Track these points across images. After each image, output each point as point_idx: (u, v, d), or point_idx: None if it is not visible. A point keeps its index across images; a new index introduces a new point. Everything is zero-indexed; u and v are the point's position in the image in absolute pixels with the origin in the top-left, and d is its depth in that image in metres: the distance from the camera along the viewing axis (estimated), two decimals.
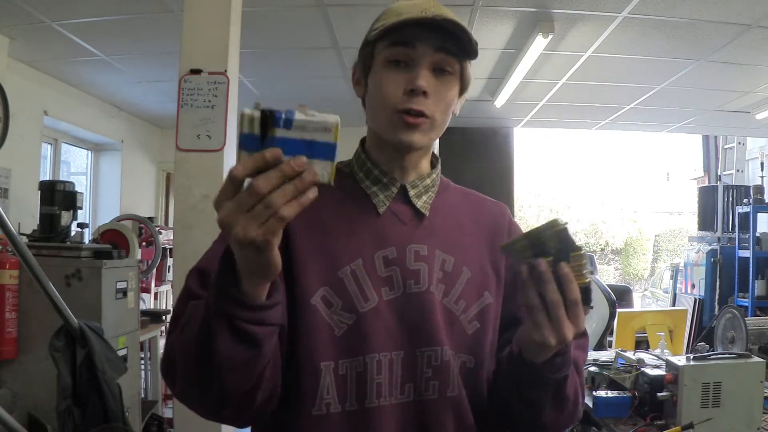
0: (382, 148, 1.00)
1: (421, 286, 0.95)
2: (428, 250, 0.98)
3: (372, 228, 0.97)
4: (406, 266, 0.96)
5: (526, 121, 5.96)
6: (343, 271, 0.93)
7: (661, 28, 3.31)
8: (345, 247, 0.94)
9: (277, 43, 3.71)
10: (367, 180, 1.00)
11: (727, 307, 2.55)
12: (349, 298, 0.92)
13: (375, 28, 0.94)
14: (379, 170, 1.00)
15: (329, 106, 3.44)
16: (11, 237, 1.43)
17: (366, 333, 0.91)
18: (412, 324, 0.93)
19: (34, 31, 3.39)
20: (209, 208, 2.90)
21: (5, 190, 3.56)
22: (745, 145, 8.04)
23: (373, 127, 1.00)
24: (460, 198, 1.08)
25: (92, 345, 1.61)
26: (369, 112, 1.00)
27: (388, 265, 0.95)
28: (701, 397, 1.70)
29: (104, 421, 1.60)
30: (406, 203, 1.00)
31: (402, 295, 0.94)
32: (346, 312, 0.91)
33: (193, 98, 2.54)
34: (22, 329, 2.43)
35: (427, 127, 0.95)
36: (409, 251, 0.97)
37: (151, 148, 5.86)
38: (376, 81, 0.95)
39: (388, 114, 0.94)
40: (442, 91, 0.94)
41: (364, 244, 0.95)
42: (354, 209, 0.98)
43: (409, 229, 0.98)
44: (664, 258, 16.14)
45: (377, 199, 0.99)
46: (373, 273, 0.94)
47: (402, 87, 0.92)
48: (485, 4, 3.06)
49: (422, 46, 0.92)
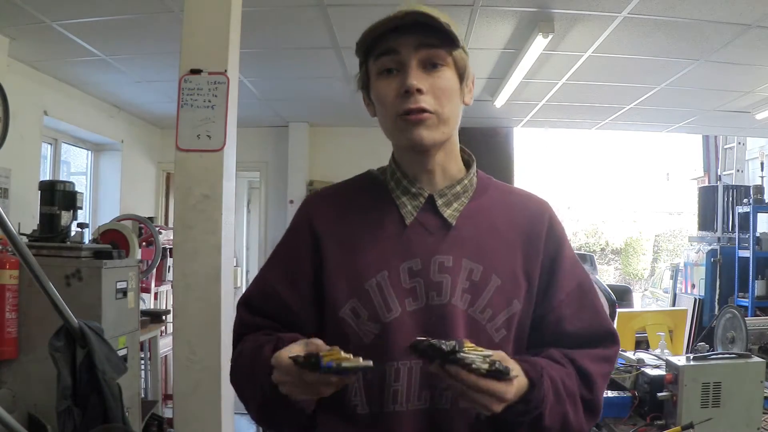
0: (403, 157, 1.04)
1: (443, 299, 0.98)
2: (454, 260, 0.99)
3: (398, 239, 1.00)
4: (430, 278, 0.98)
5: (526, 121, 5.96)
6: (369, 283, 0.98)
7: (661, 28, 3.31)
8: (372, 258, 0.99)
9: (277, 43, 3.70)
10: (398, 189, 1.04)
11: (727, 307, 2.55)
12: (374, 308, 0.97)
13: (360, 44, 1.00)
14: (408, 180, 1.03)
15: (329, 106, 3.46)
16: (11, 237, 1.43)
17: (389, 342, 0.96)
18: (432, 335, 0.91)
19: (34, 31, 3.38)
20: (209, 208, 2.89)
21: (5, 190, 3.56)
22: (745, 145, 8.03)
23: (389, 138, 1.03)
24: (499, 199, 1.08)
25: (92, 345, 1.61)
26: (382, 126, 1.03)
27: (413, 277, 0.98)
28: (701, 397, 1.70)
29: (104, 421, 1.60)
30: (433, 213, 1.02)
31: (424, 307, 0.97)
32: (372, 322, 0.97)
33: (193, 98, 2.54)
34: (22, 329, 2.43)
35: (432, 121, 0.97)
36: (433, 263, 0.99)
37: (151, 148, 5.86)
38: (376, 94, 1.00)
39: (392, 120, 0.98)
40: (437, 83, 0.96)
41: (390, 255, 0.99)
42: (382, 219, 1.02)
43: (436, 239, 1.00)
44: (664, 258, 16.14)
45: (405, 210, 1.02)
46: (397, 284, 0.98)
47: (396, 91, 0.96)
48: (485, 4, 3.06)
49: (404, 48, 0.96)
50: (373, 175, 1.10)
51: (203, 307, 2.52)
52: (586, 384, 0.99)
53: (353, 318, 0.98)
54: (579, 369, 0.99)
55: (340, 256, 1.00)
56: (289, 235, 1.09)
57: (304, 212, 1.08)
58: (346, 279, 0.99)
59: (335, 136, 5.91)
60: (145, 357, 3.76)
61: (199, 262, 2.54)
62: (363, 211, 1.03)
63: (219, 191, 2.54)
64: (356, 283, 0.98)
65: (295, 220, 1.09)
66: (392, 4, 0.98)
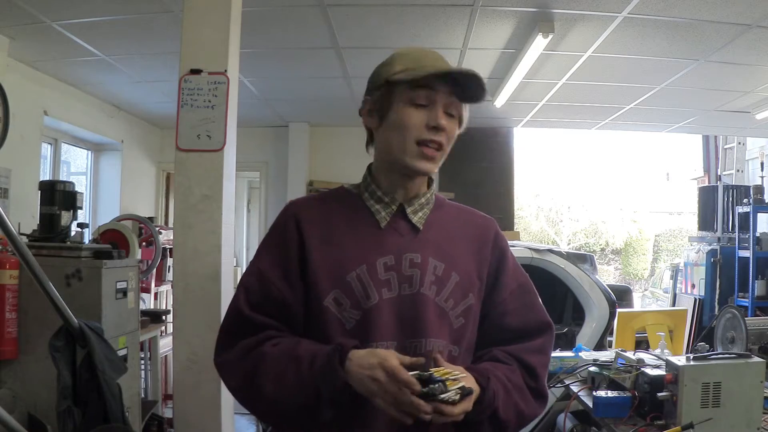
0: (388, 173, 1.19)
1: (413, 289, 1.15)
2: (422, 258, 1.17)
3: (375, 239, 1.17)
4: (402, 272, 1.15)
5: (526, 121, 5.97)
6: (351, 276, 1.13)
7: (661, 28, 3.31)
8: (352, 255, 1.14)
9: (277, 43, 3.71)
10: (372, 199, 1.20)
11: (727, 307, 2.55)
12: (356, 297, 1.12)
13: (397, 72, 1.13)
14: (382, 191, 1.20)
15: (329, 106, 3.46)
16: (11, 237, 1.43)
17: (369, 325, 1.11)
18: (404, 320, 1.13)
19: (34, 31, 3.39)
20: (209, 207, 2.89)
21: (5, 190, 3.56)
22: (745, 145, 8.03)
23: (386, 155, 1.18)
24: (454, 214, 1.27)
25: (92, 345, 1.61)
26: (383, 143, 1.18)
27: (387, 270, 1.14)
28: (701, 397, 1.70)
29: (104, 421, 1.60)
30: (404, 219, 1.19)
31: (397, 296, 1.14)
32: (354, 309, 1.12)
33: (193, 98, 2.54)
34: (22, 329, 2.43)
35: (439, 157, 1.16)
36: (404, 259, 1.16)
37: (151, 148, 5.86)
38: (400, 116, 1.14)
39: (409, 143, 1.13)
40: (450, 128, 1.16)
41: (368, 252, 1.15)
42: (360, 223, 1.18)
43: (406, 240, 1.18)
44: (664, 258, 16.15)
45: (380, 215, 1.18)
46: (375, 276, 1.13)
47: (424, 122, 1.13)
48: (485, 4, 3.06)
49: (441, 92, 1.13)
50: (347, 189, 1.26)
51: (203, 307, 2.52)
52: (531, 375, 1.17)
53: (336, 306, 1.12)
54: (522, 363, 1.18)
55: (322, 253, 1.14)
56: (277, 233, 1.20)
57: (291, 213, 1.20)
58: (329, 272, 1.13)
59: (335, 136, 5.91)
60: (145, 357, 3.76)
61: (199, 262, 2.54)
62: (341, 216, 1.19)
63: (219, 191, 2.54)
64: (338, 276, 1.12)
65: (281, 221, 1.21)
66: (392, 4, 0.99)
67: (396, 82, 1.13)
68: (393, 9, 3.10)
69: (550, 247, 4.05)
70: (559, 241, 16.71)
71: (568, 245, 16.38)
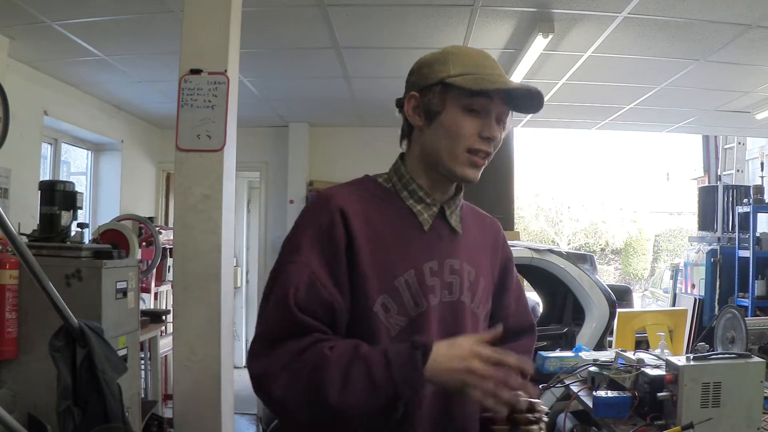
0: (429, 173, 1.15)
1: (453, 296, 1.14)
2: (459, 263, 1.15)
3: (420, 242, 1.12)
4: (444, 278, 1.13)
5: (526, 121, 5.97)
6: (399, 281, 1.08)
7: (661, 28, 3.31)
8: (399, 258, 1.10)
9: (277, 43, 3.71)
10: (412, 199, 1.15)
11: (727, 307, 2.55)
12: (403, 304, 1.08)
13: (455, 74, 1.09)
14: (424, 192, 1.15)
15: (329, 106, 3.46)
16: (11, 237, 1.43)
17: (416, 333, 1.06)
18: (446, 328, 1.11)
19: (34, 31, 3.38)
20: (209, 207, 2.88)
21: (5, 190, 3.56)
22: (745, 145, 8.03)
23: (430, 156, 1.14)
24: (471, 215, 1.25)
25: (92, 345, 1.61)
26: (429, 144, 1.13)
27: (433, 276, 1.12)
28: (701, 397, 1.70)
29: (104, 421, 1.60)
30: (443, 221, 1.16)
31: (440, 303, 1.12)
32: (400, 316, 1.08)
33: (193, 98, 2.54)
34: (22, 329, 2.43)
35: (484, 165, 1.16)
36: (446, 265, 1.14)
37: (151, 148, 5.86)
38: (454, 121, 1.10)
39: (459, 150, 1.11)
40: (499, 137, 1.15)
41: (415, 256, 1.11)
42: (404, 225, 1.13)
43: (446, 244, 1.15)
44: (664, 258, 16.15)
45: (422, 217, 1.14)
46: (423, 282, 1.10)
47: (477, 131, 1.10)
48: (485, 4, 3.06)
49: (497, 101, 1.11)
50: (378, 182, 1.18)
51: (203, 307, 2.52)
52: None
53: (383, 312, 1.07)
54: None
55: (371, 255, 1.07)
56: (322, 229, 1.07)
57: (335, 207, 1.08)
58: (378, 276, 1.07)
59: (335, 136, 5.91)
60: (145, 357, 3.76)
61: (199, 262, 2.54)
62: (384, 215, 1.12)
63: (219, 191, 2.54)
64: (386, 280, 1.07)
65: (325, 216, 1.08)
66: (392, 4, 0.99)
67: (453, 86, 1.09)
68: (393, 9, 3.09)
69: (550, 247, 4.05)
70: (559, 241, 16.72)
71: (568, 245, 16.38)
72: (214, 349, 2.49)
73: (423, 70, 1.14)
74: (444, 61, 1.12)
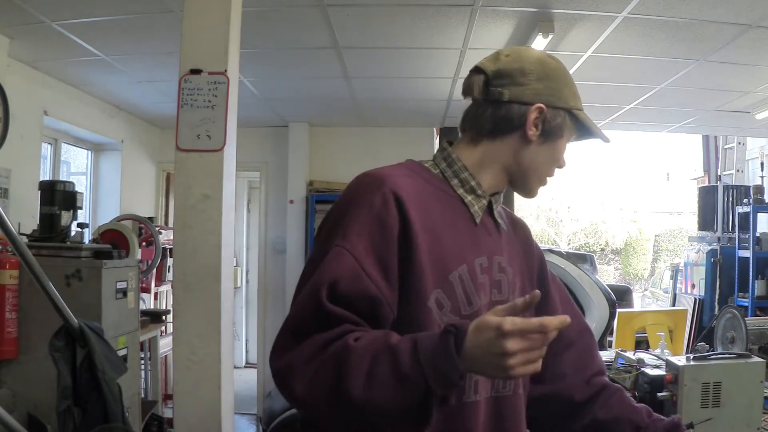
0: (497, 173, 1.12)
1: (503, 295, 1.08)
2: (506, 261, 1.11)
3: (470, 236, 1.07)
4: (493, 276, 1.08)
5: None
6: (453, 275, 1.01)
7: (661, 28, 3.31)
8: (453, 251, 1.02)
9: (277, 43, 3.70)
10: (462, 188, 1.09)
11: (727, 307, 2.55)
12: (456, 301, 1.01)
13: (576, 107, 1.15)
14: (476, 182, 1.10)
15: (329, 106, 3.46)
16: (11, 237, 1.43)
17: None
18: None
19: (34, 31, 3.38)
20: (209, 207, 2.88)
21: (5, 190, 3.56)
22: (745, 145, 8.03)
23: (515, 164, 1.11)
24: (503, 212, 1.21)
25: (92, 345, 1.61)
26: (526, 156, 1.11)
27: (482, 273, 1.06)
28: (701, 397, 1.70)
29: (104, 421, 1.60)
30: (490, 216, 1.12)
31: (489, 303, 1.05)
32: (453, 314, 0.99)
33: (193, 98, 2.54)
34: (22, 329, 2.43)
35: None
36: (494, 262, 1.09)
37: (151, 148, 5.85)
38: (561, 151, 1.16)
39: (542, 177, 1.14)
40: None
41: (467, 250, 1.05)
42: (456, 215, 1.07)
43: (494, 240, 1.11)
44: (664, 258, 16.15)
45: (473, 209, 1.08)
46: (475, 279, 1.04)
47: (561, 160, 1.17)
48: (485, 4, 3.06)
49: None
50: (425, 167, 1.11)
51: (203, 307, 2.52)
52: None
53: (437, 309, 0.98)
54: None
55: (426, 245, 0.98)
56: (373, 212, 0.96)
57: (389, 189, 0.98)
58: (432, 268, 0.98)
59: (335, 136, 5.91)
60: (145, 357, 3.76)
61: (199, 262, 2.54)
62: (438, 202, 1.04)
63: (219, 191, 2.54)
64: (441, 274, 0.99)
65: (377, 197, 0.97)
66: (392, 4, 0.99)
67: (578, 119, 1.14)
68: (393, 9, 3.09)
69: (550, 247, 4.06)
70: (559, 241, 16.71)
71: (568, 245, 16.38)
72: (214, 349, 2.49)
73: (551, 84, 1.10)
74: (566, 82, 1.14)
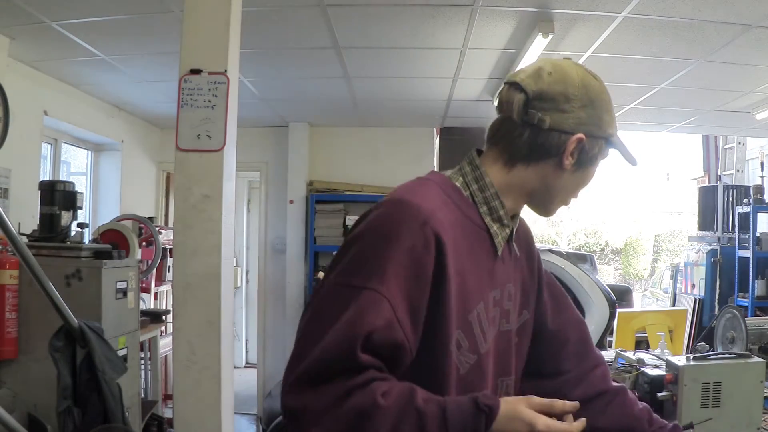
0: (520, 197, 1.06)
1: (510, 325, 1.07)
2: (513, 289, 1.08)
3: (490, 269, 1.03)
4: (503, 306, 1.05)
5: None
6: (472, 315, 0.99)
7: (661, 28, 3.31)
8: (473, 289, 0.99)
9: (277, 43, 3.70)
10: (490, 216, 1.03)
11: (727, 307, 2.55)
12: (474, 341, 0.99)
13: (614, 134, 1.10)
14: (504, 211, 1.04)
15: (329, 106, 3.47)
16: (11, 237, 1.43)
17: (481, 370, 1.00)
18: (499, 357, 1.05)
19: (34, 31, 3.38)
20: (209, 207, 2.88)
21: (5, 190, 3.56)
22: (745, 145, 8.04)
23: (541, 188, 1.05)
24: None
25: (92, 345, 1.61)
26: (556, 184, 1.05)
27: (495, 306, 1.04)
28: (701, 397, 1.70)
29: (104, 421, 1.60)
30: (509, 244, 1.09)
31: (498, 333, 1.05)
32: (471, 353, 0.99)
33: (193, 98, 2.54)
34: (22, 329, 2.43)
35: None
36: (505, 291, 1.06)
37: (151, 148, 5.86)
38: (590, 176, 1.09)
39: (566, 200, 1.09)
40: None
41: (485, 285, 1.02)
42: (480, 248, 1.02)
43: (508, 268, 1.07)
44: (664, 258, 16.15)
45: (497, 239, 1.04)
46: (488, 314, 1.02)
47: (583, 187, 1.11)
48: (485, 4, 3.06)
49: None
50: (456, 187, 1.04)
51: (203, 307, 2.52)
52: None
53: (456, 350, 0.96)
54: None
55: (455, 288, 0.94)
56: (415, 255, 0.91)
57: (431, 231, 0.92)
58: (457, 311, 0.95)
59: (335, 136, 5.91)
60: (145, 357, 3.76)
61: (199, 262, 2.54)
62: (466, 235, 0.98)
63: (219, 191, 2.54)
64: (463, 315, 0.97)
65: (421, 240, 0.92)
66: (392, 4, 0.99)
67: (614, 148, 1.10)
68: (393, 9, 3.09)
69: (550, 247, 4.06)
70: (559, 241, 16.71)
71: (568, 245, 16.38)
72: (214, 349, 2.49)
73: (594, 112, 1.02)
74: (607, 107, 1.05)
